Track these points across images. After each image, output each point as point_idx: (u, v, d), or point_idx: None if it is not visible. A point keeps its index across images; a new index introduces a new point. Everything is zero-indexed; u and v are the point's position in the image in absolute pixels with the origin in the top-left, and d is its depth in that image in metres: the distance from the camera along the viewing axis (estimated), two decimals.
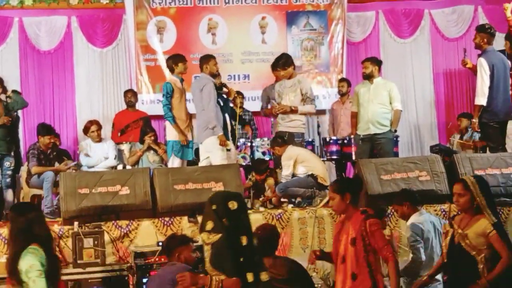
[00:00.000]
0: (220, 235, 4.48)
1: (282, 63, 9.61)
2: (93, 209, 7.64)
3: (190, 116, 9.33)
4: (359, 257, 5.14)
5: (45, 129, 9.62)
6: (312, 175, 8.84)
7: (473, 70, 9.06)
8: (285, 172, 8.93)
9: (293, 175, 9.00)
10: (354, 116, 9.55)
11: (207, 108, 8.81)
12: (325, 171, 9.07)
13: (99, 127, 10.30)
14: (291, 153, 9.00)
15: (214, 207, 4.54)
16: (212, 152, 8.82)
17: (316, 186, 8.82)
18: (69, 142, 11.99)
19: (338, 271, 5.31)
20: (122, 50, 12.45)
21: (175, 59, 9.25)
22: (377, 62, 9.54)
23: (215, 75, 9.16)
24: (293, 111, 9.45)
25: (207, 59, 9.18)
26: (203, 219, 4.58)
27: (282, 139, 9.22)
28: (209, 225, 4.50)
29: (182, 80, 9.23)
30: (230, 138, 9.18)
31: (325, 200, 8.59)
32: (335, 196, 5.39)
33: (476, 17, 13.01)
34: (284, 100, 9.54)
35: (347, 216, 5.38)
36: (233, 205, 4.58)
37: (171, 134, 9.09)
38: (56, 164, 9.46)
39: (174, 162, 9.04)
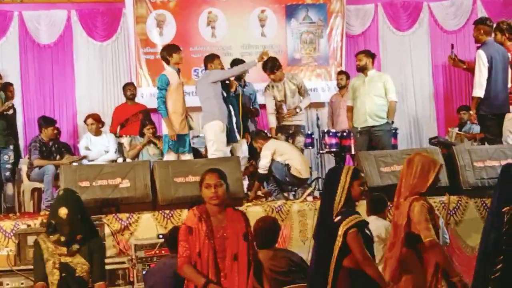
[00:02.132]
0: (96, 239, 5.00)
1: (270, 67, 9.76)
2: (93, 202, 7.66)
3: (186, 109, 9.28)
4: (251, 253, 4.79)
5: (47, 121, 9.67)
6: (287, 165, 8.92)
7: (464, 67, 9.16)
8: (263, 162, 8.99)
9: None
10: (350, 110, 9.63)
11: (226, 75, 9.22)
12: (302, 165, 9.05)
13: (96, 120, 10.29)
14: (271, 145, 9.08)
15: (79, 216, 4.86)
16: (211, 141, 8.90)
17: (289, 176, 8.91)
18: (68, 135, 11.99)
19: (228, 270, 4.68)
20: (121, 44, 12.45)
21: (169, 50, 9.12)
22: (371, 55, 9.62)
23: None
24: (298, 112, 9.85)
25: (212, 58, 9.38)
26: (71, 232, 4.79)
27: (265, 134, 9.44)
28: (79, 237, 4.84)
29: (178, 71, 9.13)
30: (236, 129, 9.28)
31: (308, 191, 8.69)
32: (223, 183, 4.81)
33: (475, 10, 13.01)
34: (288, 101, 9.85)
35: (219, 210, 4.81)
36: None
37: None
38: (58, 157, 9.49)
39: (169, 157, 8.98)
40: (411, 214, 4.90)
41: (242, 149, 9.49)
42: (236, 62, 9.94)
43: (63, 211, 4.76)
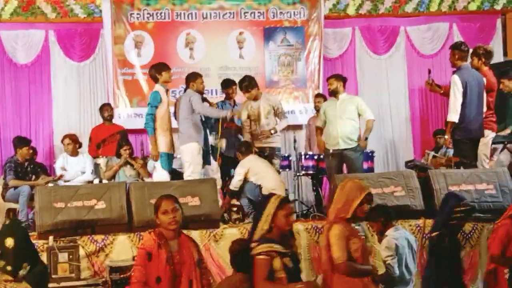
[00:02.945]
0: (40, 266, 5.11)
1: (245, 85, 9.77)
2: (68, 223, 7.61)
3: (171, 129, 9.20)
4: (203, 278, 4.93)
5: (22, 141, 9.63)
6: (259, 186, 8.94)
7: (441, 92, 9.27)
8: (235, 180, 9.06)
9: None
10: (320, 133, 9.69)
11: (202, 110, 9.02)
12: (276, 185, 8.96)
13: (73, 140, 10.26)
14: (246, 163, 9.11)
15: (24, 245, 4.93)
16: (188, 162, 8.87)
17: (261, 197, 8.80)
18: (45, 156, 11.92)
19: None
20: (99, 64, 12.42)
21: (158, 68, 9.02)
22: (342, 78, 9.69)
23: (202, 93, 9.25)
24: (273, 133, 9.77)
25: (194, 77, 9.32)
26: (17, 260, 4.85)
27: (246, 148, 9.37)
28: (25, 265, 4.88)
29: (167, 90, 9.09)
30: (210, 153, 9.27)
31: None
32: (179, 208, 4.98)
33: (451, 34, 13.13)
34: (261, 122, 9.80)
35: (175, 235, 4.95)
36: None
37: (162, 146, 8.89)
38: (33, 178, 9.43)
39: (162, 175, 8.92)
40: (329, 235, 5.10)
41: (217, 174, 9.41)
42: (226, 81, 10.23)
43: (9, 241, 4.84)
